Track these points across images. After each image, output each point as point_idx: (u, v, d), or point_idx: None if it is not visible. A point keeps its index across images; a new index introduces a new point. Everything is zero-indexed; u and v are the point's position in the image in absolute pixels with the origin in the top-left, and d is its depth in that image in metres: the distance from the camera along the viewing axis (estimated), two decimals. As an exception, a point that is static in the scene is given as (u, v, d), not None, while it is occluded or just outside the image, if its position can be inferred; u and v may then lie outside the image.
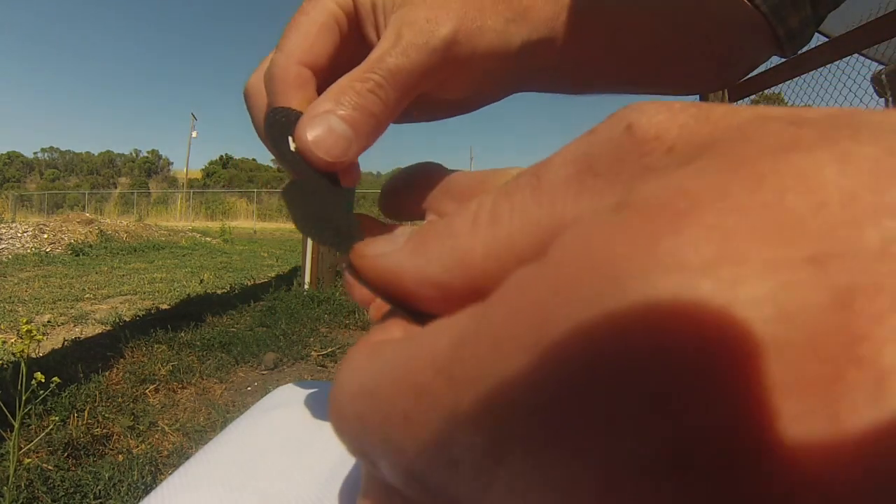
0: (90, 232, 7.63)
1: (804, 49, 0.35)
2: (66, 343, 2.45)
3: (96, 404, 1.77)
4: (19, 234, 7.13)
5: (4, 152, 38.82)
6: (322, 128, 0.19)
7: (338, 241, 0.16)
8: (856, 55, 1.80)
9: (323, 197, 0.19)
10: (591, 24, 0.26)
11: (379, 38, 0.22)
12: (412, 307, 0.12)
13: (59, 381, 1.43)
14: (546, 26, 0.24)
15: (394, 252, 0.12)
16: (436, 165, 0.22)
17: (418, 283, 0.11)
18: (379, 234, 0.13)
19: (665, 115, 0.09)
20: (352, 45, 0.23)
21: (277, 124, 0.21)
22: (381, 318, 0.13)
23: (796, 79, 2.13)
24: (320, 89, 0.22)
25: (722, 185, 0.07)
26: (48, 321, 3.06)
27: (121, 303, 3.72)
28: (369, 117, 0.20)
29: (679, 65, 0.30)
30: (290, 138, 0.20)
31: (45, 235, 7.14)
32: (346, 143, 0.19)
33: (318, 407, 0.33)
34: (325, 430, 0.30)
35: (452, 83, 0.23)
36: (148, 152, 40.83)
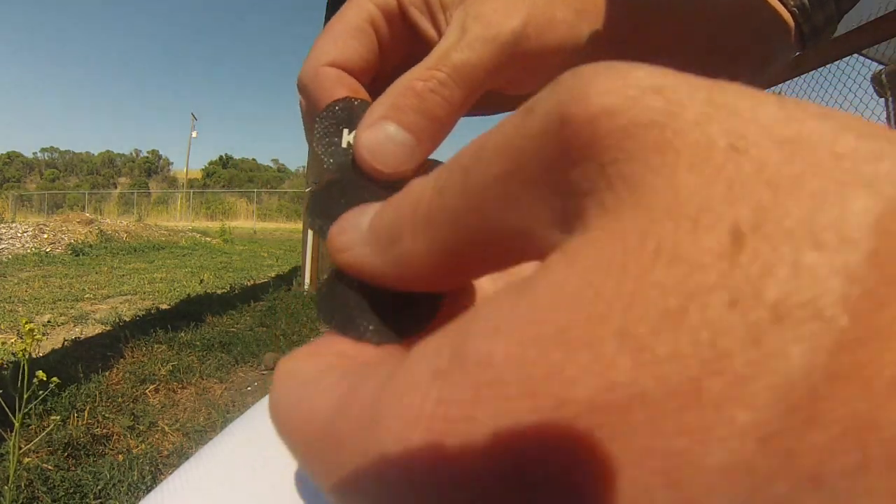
0: (90, 232, 7.63)
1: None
2: (66, 343, 2.45)
3: (96, 404, 1.77)
4: (19, 234, 7.13)
5: (4, 152, 38.87)
6: (379, 136, 0.17)
7: None
8: (856, 55, 1.80)
9: (364, 198, 0.17)
10: (644, 23, 0.25)
11: (438, 34, 0.21)
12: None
13: (58, 381, 1.43)
14: (610, 19, 0.23)
15: (357, 248, 0.13)
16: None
17: (379, 277, 0.12)
18: None
19: (608, 106, 0.08)
20: (403, 43, 0.22)
21: (330, 117, 0.19)
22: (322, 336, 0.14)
23: (796, 78, 2.13)
24: (375, 92, 0.21)
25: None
26: (48, 321, 3.06)
27: (121, 303, 3.72)
28: (432, 121, 0.18)
29: (725, 66, 0.29)
30: (344, 131, 0.19)
31: (45, 235, 7.14)
32: (407, 152, 0.18)
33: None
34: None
35: (519, 79, 0.22)
36: (148, 152, 40.89)
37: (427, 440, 0.08)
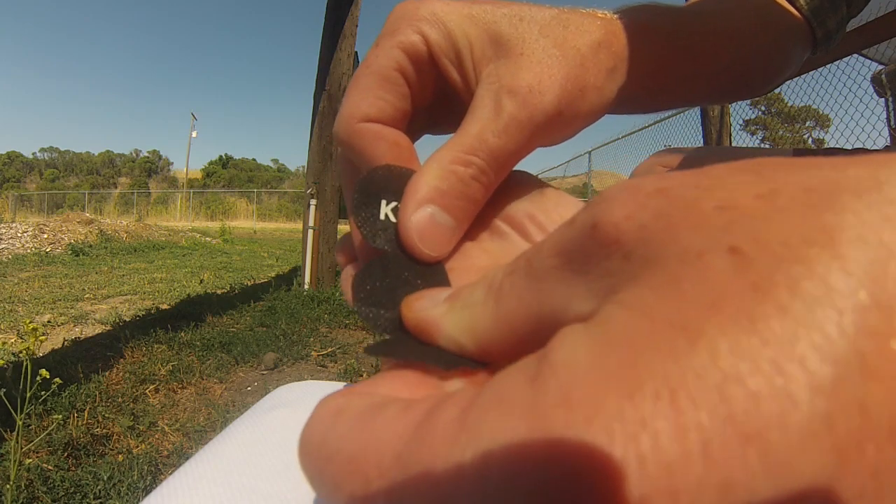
0: (90, 232, 7.63)
1: None
2: (66, 343, 2.45)
3: (96, 404, 1.77)
4: (19, 234, 7.12)
5: (4, 152, 38.82)
6: (425, 220, 0.18)
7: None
8: (856, 55, 1.80)
9: (407, 278, 0.18)
10: (671, 57, 0.25)
11: (466, 83, 0.21)
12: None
13: (60, 381, 1.43)
14: (639, 66, 0.23)
15: (432, 309, 0.15)
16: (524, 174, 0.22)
17: (444, 341, 0.14)
18: None
19: (626, 213, 0.10)
20: (433, 85, 0.22)
21: (369, 186, 0.19)
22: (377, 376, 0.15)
23: (796, 79, 2.13)
24: (406, 128, 0.21)
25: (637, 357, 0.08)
26: (48, 321, 3.06)
27: (121, 303, 3.72)
28: (472, 204, 0.19)
29: (738, 79, 0.29)
30: (382, 202, 0.19)
31: (45, 235, 7.13)
32: (449, 234, 0.19)
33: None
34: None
35: (547, 140, 0.22)
36: (148, 152, 40.84)
37: (532, 435, 0.08)
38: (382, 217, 0.19)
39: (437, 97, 0.22)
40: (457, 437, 0.09)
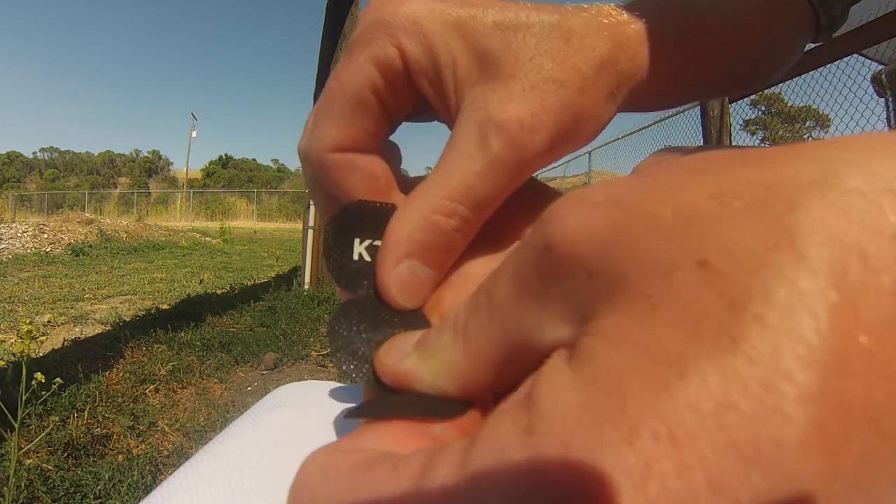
0: (90, 232, 7.63)
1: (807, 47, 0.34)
2: (66, 343, 2.45)
3: (96, 404, 1.77)
4: (19, 234, 7.12)
5: (4, 152, 38.85)
6: (406, 274, 0.17)
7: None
8: (856, 55, 1.80)
9: (384, 318, 0.17)
10: (679, 59, 0.23)
11: (445, 105, 0.19)
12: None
13: (61, 381, 1.43)
14: (640, 77, 0.21)
15: (404, 362, 0.15)
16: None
17: (424, 388, 0.14)
18: None
19: (579, 228, 0.10)
20: (409, 100, 0.20)
21: (342, 224, 0.18)
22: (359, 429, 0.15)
23: (796, 78, 2.13)
24: (381, 147, 0.20)
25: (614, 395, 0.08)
26: (48, 321, 3.06)
27: (121, 303, 3.72)
28: (453, 254, 0.18)
29: (745, 74, 0.28)
30: (356, 241, 0.18)
31: (45, 235, 7.14)
32: (430, 284, 0.18)
33: (318, 407, 0.33)
34: (326, 429, 0.30)
35: (531, 174, 0.20)
36: (148, 152, 40.86)
37: (536, 495, 0.08)
38: (356, 257, 0.18)
39: (417, 104, 0.21)
40: (456, 499, 0.09)
